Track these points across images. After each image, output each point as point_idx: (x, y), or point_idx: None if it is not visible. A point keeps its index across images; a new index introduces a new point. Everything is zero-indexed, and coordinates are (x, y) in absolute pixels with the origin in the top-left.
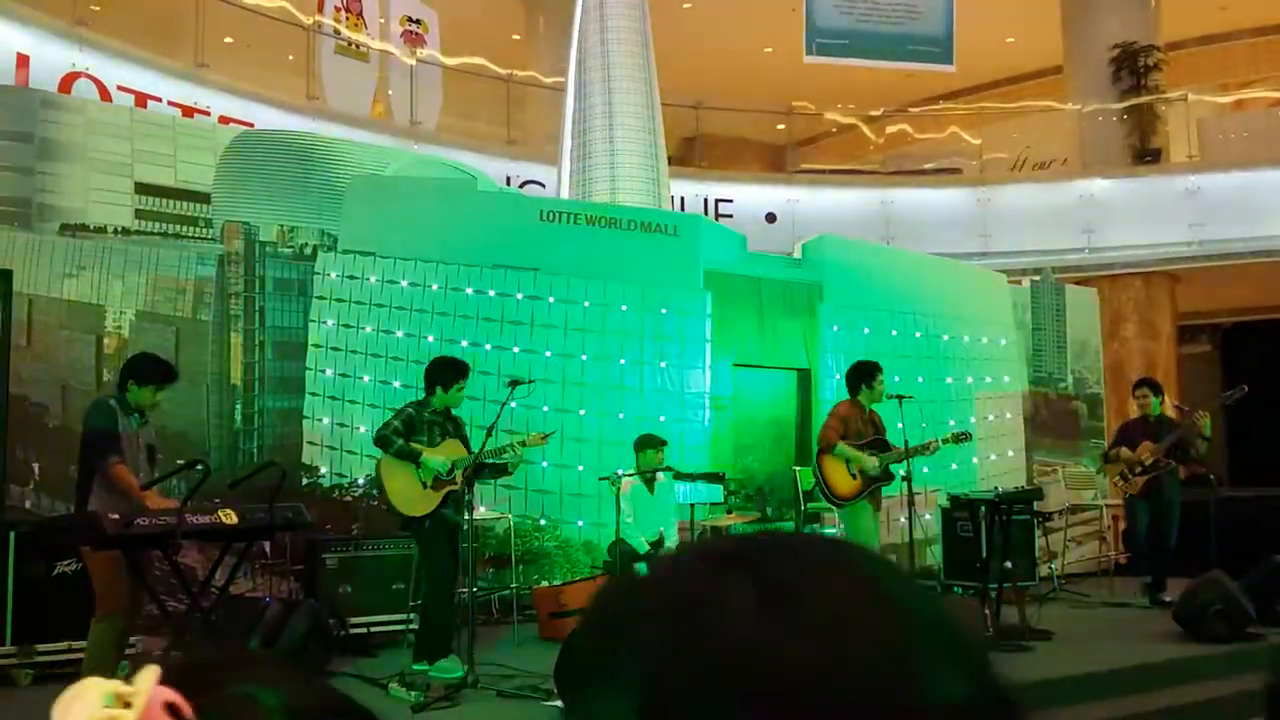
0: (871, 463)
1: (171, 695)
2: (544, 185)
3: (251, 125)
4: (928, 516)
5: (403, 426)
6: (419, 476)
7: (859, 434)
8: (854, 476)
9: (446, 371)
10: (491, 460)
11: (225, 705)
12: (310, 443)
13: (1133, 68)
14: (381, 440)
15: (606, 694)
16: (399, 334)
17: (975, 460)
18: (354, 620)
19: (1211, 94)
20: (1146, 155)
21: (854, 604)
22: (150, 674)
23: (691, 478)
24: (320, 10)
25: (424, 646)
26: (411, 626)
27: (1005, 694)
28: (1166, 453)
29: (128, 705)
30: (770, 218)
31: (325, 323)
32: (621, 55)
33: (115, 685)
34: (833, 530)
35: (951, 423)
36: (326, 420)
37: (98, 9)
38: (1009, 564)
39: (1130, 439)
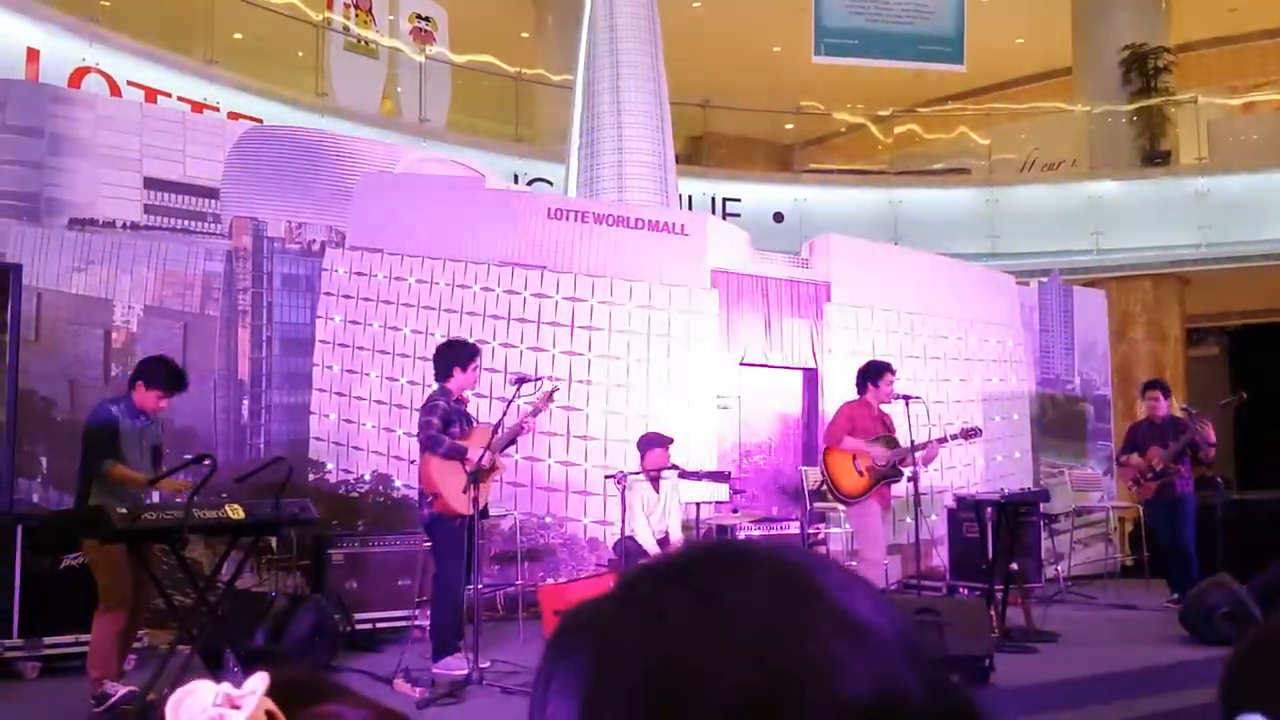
0: (878, 450)
1: (271, 705)
2: (552, 183)
3: (260, 121)
4: (934, 517)
5: (442, 423)
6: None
7: (867, 433)
8: (860, 474)
9: (460, 351)
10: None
11: None
12: (317, 439)
13: (1142, 69)
14: (431, 441)
15: (557, 700)
16: (406, 331)
17: (982, 461)
18: (360, 616)
19: (1221, 96)
20: (1156, 157)
21: (785, 610)
22: (261, 681)
23: (697, 476)
24: (330, 7)
25: (437, 643)
26: (419, 623)
27: (956, 693)
28: (1175, 458)
29: (236, 707)
30: (778, 217)
31: (333, 319)
32: (630, 54)
33: (226, 687)
34: (839, 530)
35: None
36: (333, 416)
37: (108, 4)
38: (1015, 565)
39: (1138, 442)
